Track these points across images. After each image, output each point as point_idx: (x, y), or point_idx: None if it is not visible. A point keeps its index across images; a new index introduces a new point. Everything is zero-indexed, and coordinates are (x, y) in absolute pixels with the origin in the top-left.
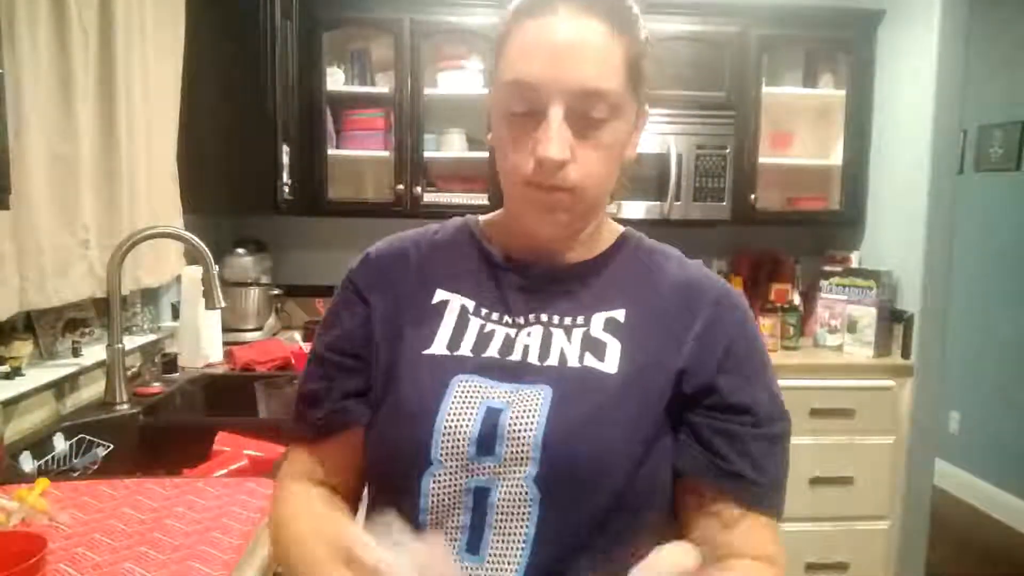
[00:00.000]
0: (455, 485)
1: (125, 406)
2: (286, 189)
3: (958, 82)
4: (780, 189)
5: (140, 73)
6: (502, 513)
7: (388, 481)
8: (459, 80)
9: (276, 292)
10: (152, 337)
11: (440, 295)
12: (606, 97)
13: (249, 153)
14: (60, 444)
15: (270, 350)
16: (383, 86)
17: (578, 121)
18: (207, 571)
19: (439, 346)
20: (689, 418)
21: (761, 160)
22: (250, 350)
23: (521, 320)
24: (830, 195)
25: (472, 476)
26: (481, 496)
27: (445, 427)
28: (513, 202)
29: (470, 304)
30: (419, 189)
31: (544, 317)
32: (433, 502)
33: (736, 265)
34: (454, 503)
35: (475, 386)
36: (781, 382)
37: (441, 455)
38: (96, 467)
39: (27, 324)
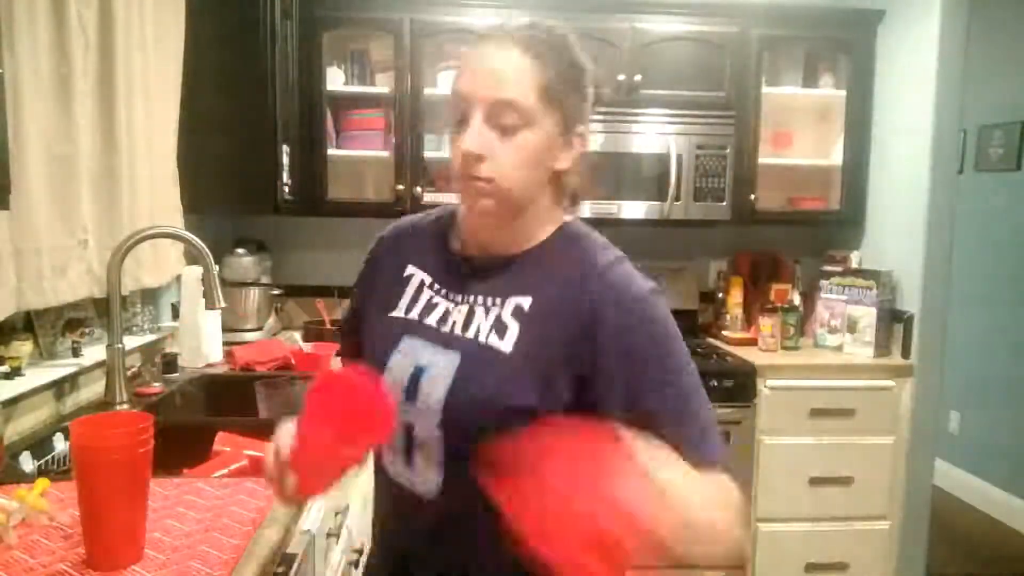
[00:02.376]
0: (397, 417)
1: (125, 406)
2: (286, 189)
3: (958, 82)
4: (780, 189)
5: (140, 73)
6: (421, 442)
7: None
8: None
9: (276, 292)
10: (152, 337)
11: (409, 269)
12: (515, 107)
13: (249, 153)
14: (60, 444)
15: (270, 350)
16: (383, 86)
17: (496, 127)
18: (207, 571)
19: (399, 311)
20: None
21: (761, 160)
22: (250, 350)
23: (458, 298)
24: (830, 195)
25: (403, 413)
26: (409, 428)
27: (389, 376)
28: (459, 197)
29: (428, 279)
30: (419, 189)
31: (471, 298)
32: None
33: (736, 265)
34: (396, 429)
35: (412, 347)
36: (781, 382)
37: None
38: None
39: (27, 324)
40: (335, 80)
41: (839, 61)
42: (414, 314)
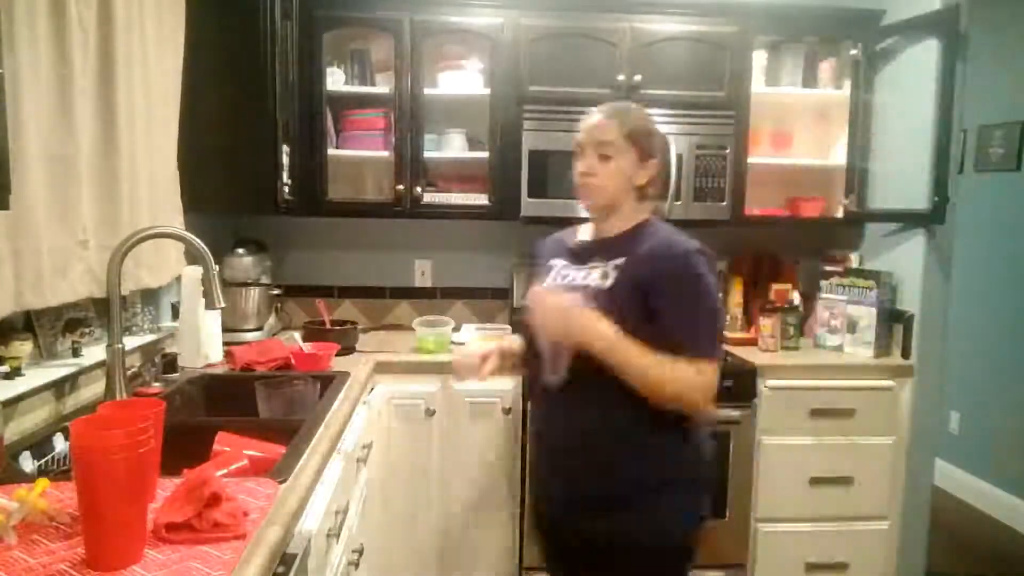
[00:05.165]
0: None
1: None
2: (286, 189)
3: (958, 82)
4: (780, 190)
5: (140, 73)
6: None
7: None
8: (459, 80)
9: (276, 292)
10: (152, 337)
11: (552, 261)
12: (608, 146)
13: (249, 153)
14: (60, 444)
15: (270, 350)
16: (383, 86)
17: (598, 156)
18: (207, 571)
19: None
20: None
21: (761, 160)
22: (250, 350)
23: (581, 267)
24: (830, 196)
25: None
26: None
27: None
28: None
29: (563, 262)
30: (419, 189)
31: (588, 264)
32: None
33: (736, 265)
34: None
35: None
36: (781, 382)
37: None
38: None
39: (27, 324)
40: (335, 80)
41: (839, 61)
42: (556, 282)
